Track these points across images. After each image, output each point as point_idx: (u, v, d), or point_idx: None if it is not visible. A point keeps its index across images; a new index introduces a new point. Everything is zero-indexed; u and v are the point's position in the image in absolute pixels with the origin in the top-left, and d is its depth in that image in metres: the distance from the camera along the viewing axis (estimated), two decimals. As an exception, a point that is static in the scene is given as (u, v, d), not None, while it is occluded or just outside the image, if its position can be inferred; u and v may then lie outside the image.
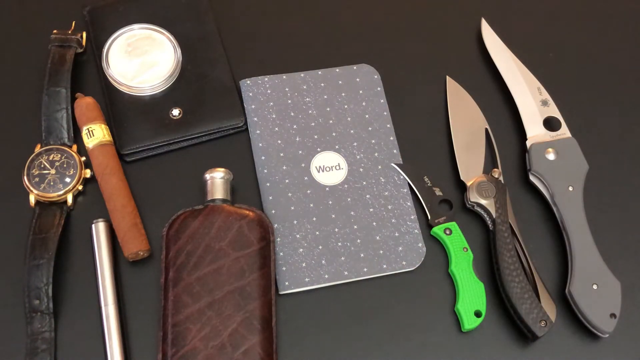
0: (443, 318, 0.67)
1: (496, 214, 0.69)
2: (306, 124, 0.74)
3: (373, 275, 0.68)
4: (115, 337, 0.63)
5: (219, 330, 0.61)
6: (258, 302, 0.62)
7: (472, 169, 0.72)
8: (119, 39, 0.75)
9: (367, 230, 0.69)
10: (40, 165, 0.69)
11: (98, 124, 0.70)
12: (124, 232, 0.65)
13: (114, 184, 0.67)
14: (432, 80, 0.78)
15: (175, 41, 0.75)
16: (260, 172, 0.71)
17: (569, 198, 0.70)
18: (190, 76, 0.75)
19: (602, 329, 0.65)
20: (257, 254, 0.64)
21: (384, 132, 0.74)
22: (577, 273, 0.66)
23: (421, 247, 0.69)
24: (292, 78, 0.76)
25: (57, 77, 0.71)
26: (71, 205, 0.68)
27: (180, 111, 0.73)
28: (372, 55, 0.79)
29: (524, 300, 0.65)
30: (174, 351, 0.60)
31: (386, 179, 0.72)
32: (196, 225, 0.65)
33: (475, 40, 0.81)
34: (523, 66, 0.77)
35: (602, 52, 0.82)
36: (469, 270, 0.67)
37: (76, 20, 0.77)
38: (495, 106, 0.77)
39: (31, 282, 0.63)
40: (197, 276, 0.63)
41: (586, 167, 0.72)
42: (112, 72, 0.74)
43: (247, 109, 0.74)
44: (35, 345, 0.63)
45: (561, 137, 0.73)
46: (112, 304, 0.64)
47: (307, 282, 0.67)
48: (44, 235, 0.65)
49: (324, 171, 0.72)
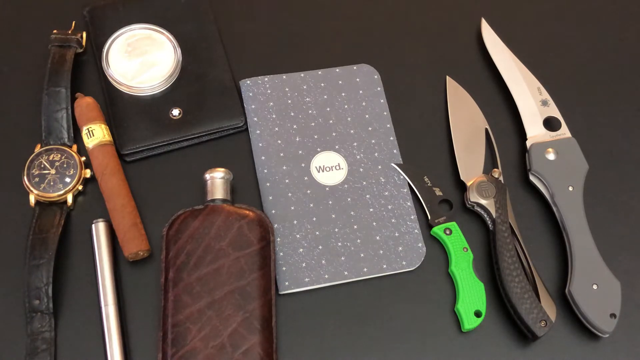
0: (443, 318, 0.67)
1: (496, 214, 0.69)
2: (306, 124, 0.74)
3: (373, 275, 0.68)
4: (115, 337, 0.63)
5: (219, 330, 0.61)
6: (258, 302, 0.62)
7: (472, 169, 0.72)
8: (119, 39, 0.75)
9: (367, 230, 0.69)
10: (40, 165, 0.68)
11: (98, 124, 0.70)
12: (124, 232, 0.65)
13: (114, 184, 0.67)
14: (432, 80, 0.78)
15: (175, 41, 0.75)
16: (260, 172, 0.71)
17: (569, 198, 0.70)
18: (190, 76, 0.75)
19: (602, 329, 0.65)
20: (257, 254, 0.64)
21: (384, 132, 0.74)
22: (577, 273, 0.66)
23: (421, 247, 0.69)
24: (292, 78, 0.76)
25: (57, 77, 0.71)
26: (71, 205, 0.68)
27: (180, 111, 0.73)
28: (372, 55, 0.79)
29: (524, 300, 0.65)
30: (174, 351, 0.60)
31: (386, 179, 0.72)
32: (196, 225, 0.65)
33: (475, 40, 0.81)
34: (523, 66, 0.77)
35: (602, 52, 0.82)
36: (469, 270, 0.67)
37: (76, 20, 0.77)
38: (495, 106, 0.77)
39: (31, 282, 0.63)
40: (197, 276, 0.63)
41: (586, 167, 0.72)
42: (112, 72, 0.74)
43: (247, 109, 0.74)
44: (35, 345, 0.63)
45: (561, 137, 0.73)
46: (112, 304, 0.64)
47: (307, 282, 0.67)
48: (44, 235, 0.65)
49: (324, 171, 0.72)
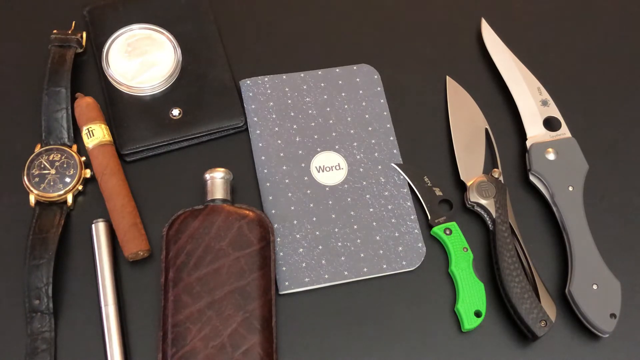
0: (443, 318, 0.67)
1: (496, 214, 0.69)
2: (306, 124, 0.74)
3: (373, 275, 0.68)
4: (115, 337, 0.63)
5: (219, 330, 0.61)
6: (258, 302, 0.62)
7: (472, 169, 0.72)
8: (119, 39, 0.75)
9: (367, 230, 0.69)
10: (40, 165, 0.68)
11: (98, 124, 0.70)
12: (124, 232, 0.65)
13: (114, 184, 0.67)
14: (432, 80, 0.78)
15: (175, 41, 0.75)
16: (260, 172, 0.71)
17: (569, 198, 0.70)
18: (190, 76, 0.75)
19: (602, 329, 0.65)
20: (257, 254, 0.64)
21: (384, 132, 0.74)
22: (577, 273, 0.66)
23: (421, 247, 0.69)
24: (292, 78, 0.76)
25: (57, 77, 0.71)
26: (71, 205, 0.68)
27: (180, 111, 0.73)
28: (372, 55, 0.79)
29: (524, 300, 0.65)
30: (174, 351, 0.60)
31: (386, 179, 0.72)
32: (196, 225, 0.65)
33: (475, 40, 0.81)
34: (523, 66, 0.77)
35: (602, 52, 0.82)
36: (469, 270, 0.67)
37: (76, 20, 0.77)
38: (495, 106, 0.77)
39: (31, 282, 0.63)
40: (197, 276, 0.63)
41: (586, 167, 0.72)
42: (112, 72, 0.74)
43: (247, 109, 0.74)
44: (35, 345, 0.63)
45: (561, 137, 0.73)
46: (112, 304, 0.64)
47: (307, 282, 0.67)
48: (44, 235, 0.65)
49: (324, 171, 0.72)
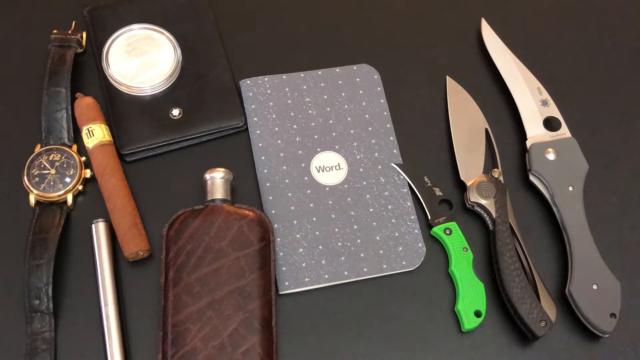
0: (443, 318, 0.67)
1: (496, 214, 0.69)
2: (306, 124, 0.74)
3: (373, 275, 0.68)
4: (115, 337, 0.63)
5: (219, 330, 0.61)
6: (258, 302, 0.62)
7: (472, 169, 0.72)
8: (118, 39, 0.75)
9: (367, 230, 0.69)
10: (40, 165, 0.68)
11: (98, 124, 0.70)
12: (124, 232, 0.65)
13: (114, 184, 0.67)
14: (432, 80, 0.78)
15: (175, 41, 0.75)
16: (260, 172, 0.71)
17: (569, 198, 0.70)
18: (190, 76, 0.75)
19: (602, 329, 0.65)
20: (257, 254, 0.64)
21: (384, 132, 0.74)
22: (577, 273, 0.66)
23: (421, 247, 0.69)
24: (292, 78, 0.76)
25: (57, 77, 0.71)
26: (71, 205, 0.68)
27: (180, 111, 0.73)
28: (372, 55, 0.79)
29: (524, 300, 0.65)
30: (174, 351, 0.60)
31: (386, 179, 0.72)
32: (196, 225, 0.65)
33: (475, 40, 0.81)
34: (523, 66, 0.77)
35: (602, 52, 0.82)
36: (469, 270, 0.67)
37: (76, 20, 0.77)
38: (495, 106, 0.77)
39: (31, 282, 0.63)
40: (197, 276, 0.63)
41: (586, 167, 0.72)
42: (112, 72, 0.74)
43: (247, 109, 0.74)
44: (35, 345, 0.63)
45: (561, 137, 0.73)
46: (112, 304, 0.64)
47: (307, 282, 0.67)
48: (44, 235, 0.65)
49: (324, 171, 0.72)
